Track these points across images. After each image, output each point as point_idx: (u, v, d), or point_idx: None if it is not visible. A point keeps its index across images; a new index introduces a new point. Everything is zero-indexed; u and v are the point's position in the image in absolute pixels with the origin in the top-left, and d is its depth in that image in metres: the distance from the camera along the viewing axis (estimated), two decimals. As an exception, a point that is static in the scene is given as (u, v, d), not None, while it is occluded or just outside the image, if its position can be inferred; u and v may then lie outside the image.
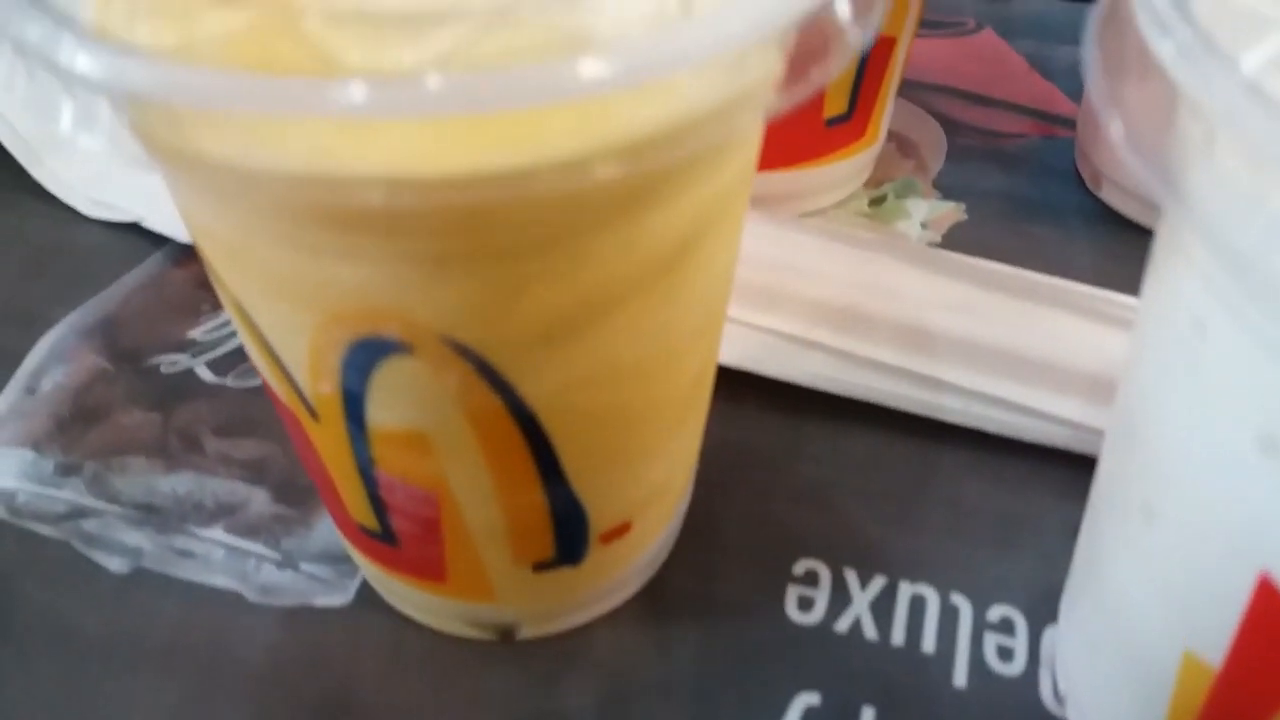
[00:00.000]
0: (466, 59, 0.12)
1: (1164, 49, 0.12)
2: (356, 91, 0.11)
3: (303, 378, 0.17)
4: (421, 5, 0.13)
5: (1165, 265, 0.15)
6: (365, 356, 0.16)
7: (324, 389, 0.17)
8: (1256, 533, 0.14)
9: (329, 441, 0.19)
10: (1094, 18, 0.14)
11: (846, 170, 0.34)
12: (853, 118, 0.32)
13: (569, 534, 0.20)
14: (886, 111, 0.33)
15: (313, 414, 0.18)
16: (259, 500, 0.26)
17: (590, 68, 0.11)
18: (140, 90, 0.11)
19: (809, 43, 0.14)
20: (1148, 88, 0.13)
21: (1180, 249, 0.14)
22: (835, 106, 0.31)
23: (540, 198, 0.13)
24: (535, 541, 0.20)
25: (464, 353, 0.16)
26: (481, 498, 0.19)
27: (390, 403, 0.17)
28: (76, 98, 0.12)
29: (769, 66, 0.14)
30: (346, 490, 0.20)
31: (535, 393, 0.17)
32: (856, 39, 0.14)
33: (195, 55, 0.12)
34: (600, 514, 0.20)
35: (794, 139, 0.32)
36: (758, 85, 0.14)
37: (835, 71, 0.14)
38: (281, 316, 0.16)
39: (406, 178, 0.12)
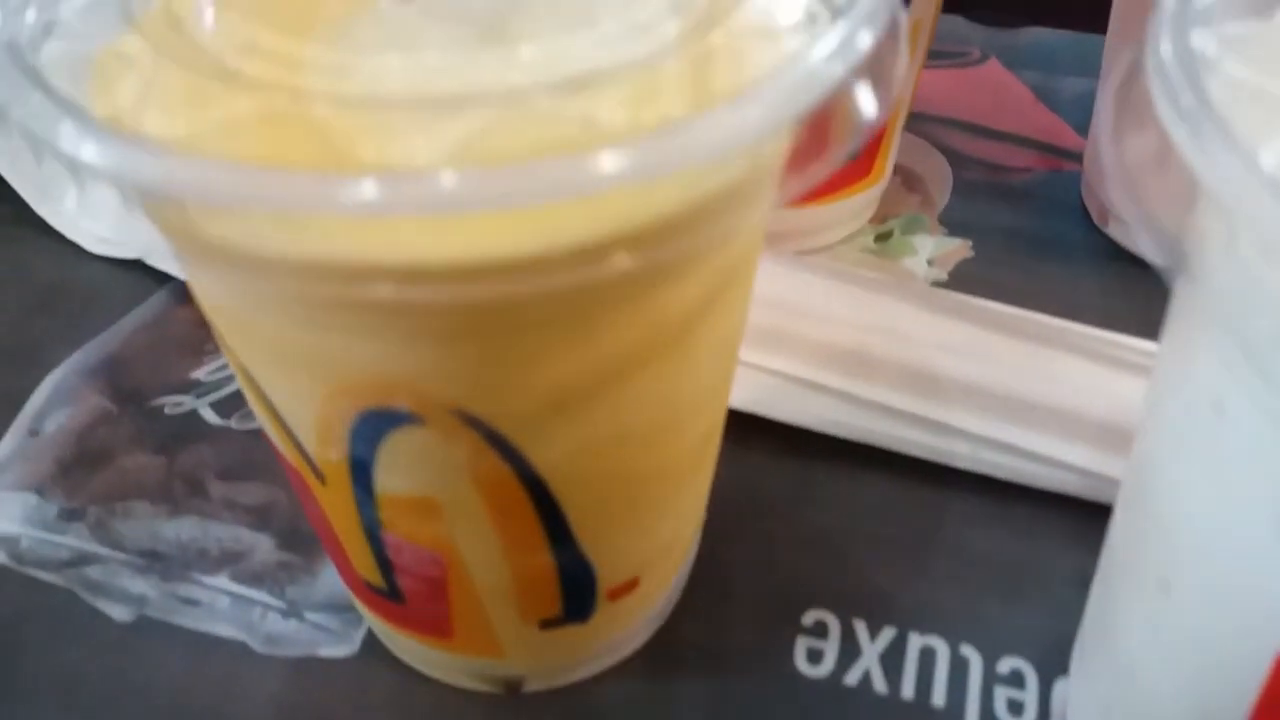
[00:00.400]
0: (480, 151, 0.12)
1: (1184, 139, 0.11)
2: (368, 189, 0.11)
3: (310, 443, 0.17)
4: (432, 89, 0.13)
5: (1181, 341, 0.15)
6: (374, 426, 0.16)
7: (331, 456, 0.17)
8: (1275, 613, 0.14)
9: (335, 503, 0.18)
10: (1110, 84, 0.14)
11: (852, 207, 0.34)
12: (859, 156, 0.32)
13: (577, 592, 0.20)
14: (893, 149, 0.33)
15: (319, 477, 0.18)
16: (264, 547, 0.26)
17: (606, 162, 0.11)
18: (148, 185, 0.11)
19: (824, 122, 0.13)
20: (1166, 168, 0.12)
21: (1197, 326, 0.14)
22: (842, 145, 0.31)
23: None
24: (542, 600, 0.20)
25: (474, 423, 0.16)
26: (489, 559, 0.19)
27: (399, 470, 0.17)
28: (82, 182, 0.12)
29: (784, 146, 0.14)
30: (352, 548, 0.20)
31: (545, 459, 0.17)
32: (871, 115, 0.14)
33: (204, 145, 0.12)
34: (609, 572, 0.20)
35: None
36: (774, 167, 0.14)
37: (852, 150, 0.14)
38: (289, 385, 0.16)
39: (418, 268, 0.12)
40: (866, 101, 0.14)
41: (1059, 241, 0.34)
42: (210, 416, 0.29)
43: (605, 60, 0.13)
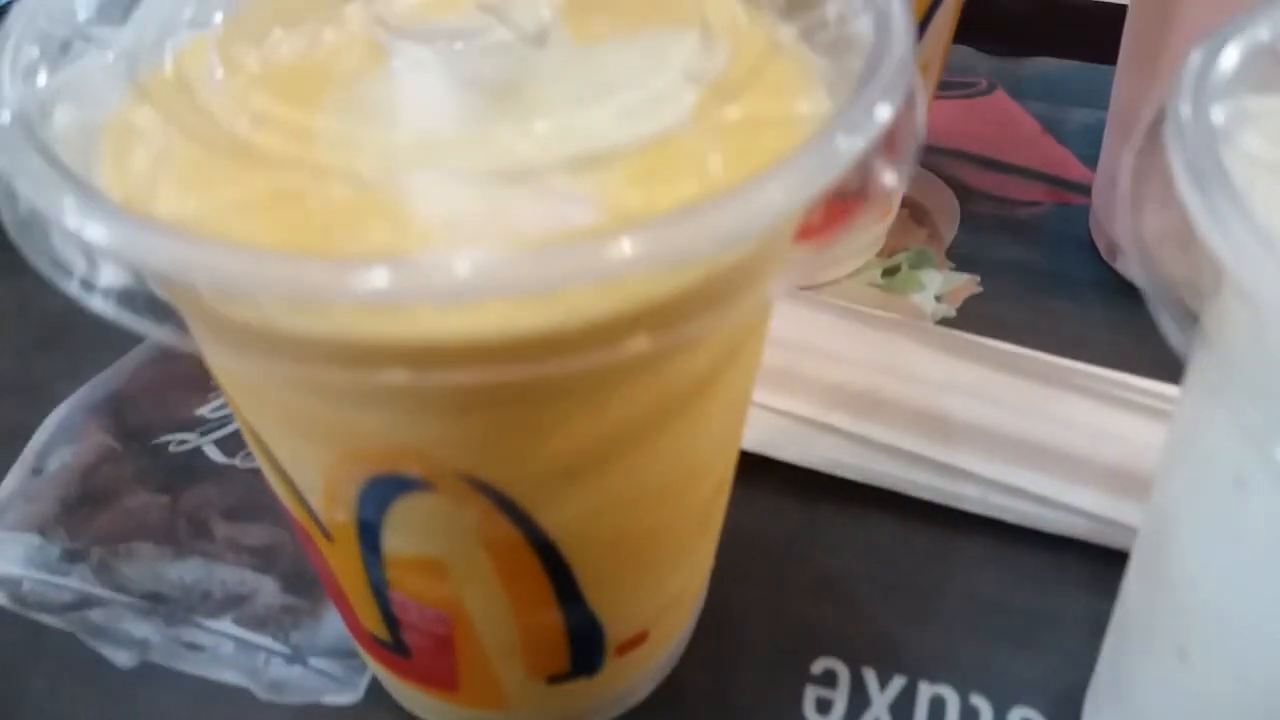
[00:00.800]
0: (494, 233, 0.12)
1: (1212, 234, 0.11)
2: (380, 277, 0.11)
3: (317, 504, 0.17)
4: (445, 166, 0.13)
5: (1200, 411, 0.15)
6: (383, 491, 0.16)
7: (339, 517, 0.17)
8: (1296, 691, 0.14)
9: (341, 561, 0.18)
10: (1128, 150, 0.14)
11: (859, 242, 0.33)
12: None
13: (585, 648, 0.20)
14: (901, 184, 0.33)
15: (326, 535, 0.18)
16: (268, 590, 0.26)
17: (624, 248, 0.11)
18: (159, 270, 0.11)
19: (843, 195, 0.13)
20: (1190, 251, 0.12)
21: (1217, 400, 0.14)
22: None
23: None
24: (550, 656, 0.20)
25: (484, 489, 0.16)
26: (497, 617, 0.18)
27: (407, 533, 0.17)
28: (94, 259, 0.12)
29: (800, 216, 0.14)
30: (358, 603, 0.20)
31: (555, 522, 0.17)
32: (891, 185, 0.14)
33: (218, 225, 0.12)
34: (617, 628, 0.20)
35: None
36: (789, 234, 0.14)
37: (873, 220, 0.14)
38: (297, 448, 0.16)
39: (431, 347, 0.12)
40: (887, 174, 0.13)
41: (1067, 277, 0.34)
42: (214, 454, 0.29)
43: (621, 135, 0.13)
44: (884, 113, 0.13)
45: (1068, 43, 0.44)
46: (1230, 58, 0.14)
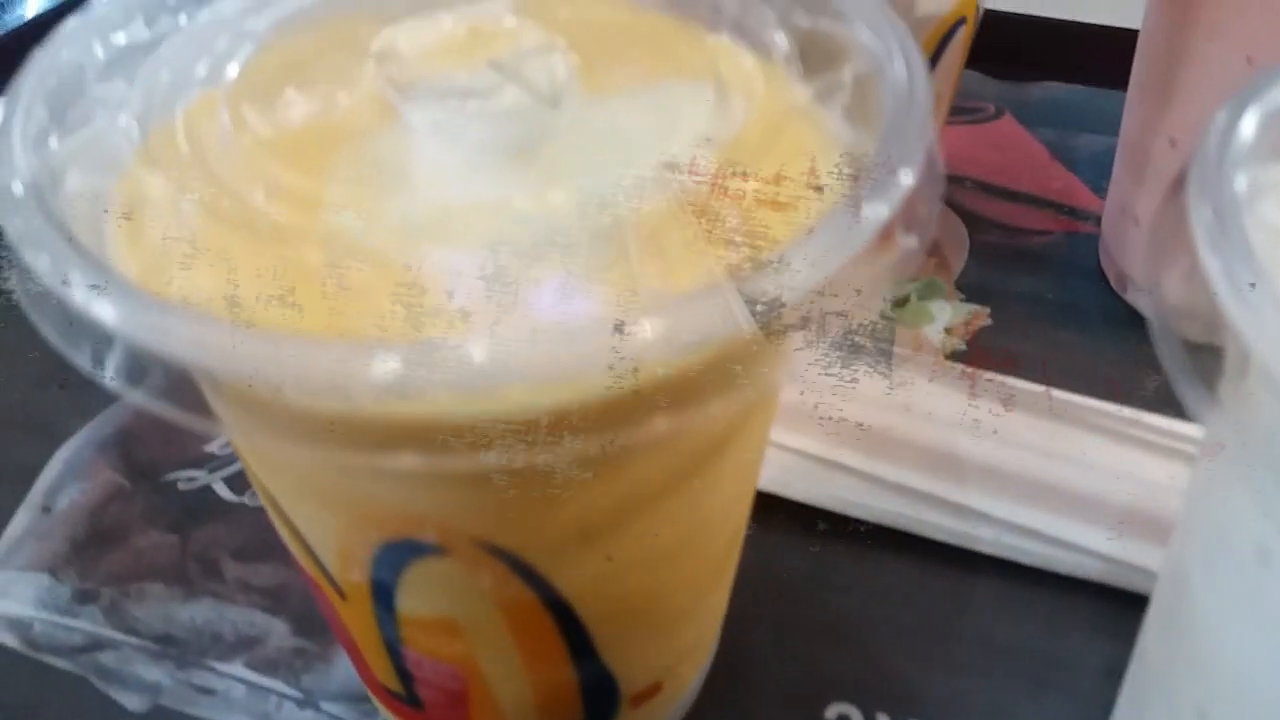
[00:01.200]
0: (510, 314, 0.12)
1: (1231, 305, 0.11)
2: (394, 364, 0.10)
3: (332, 564, 0.17)
4: (461, 240, 0.13)
5: (1220, 479, 0.15)
6: (398, 555, 0.16)
7: (353, 577, 0.17)
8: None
9: (355, 617, 0.18)
10: (1148, 203, 0.14)
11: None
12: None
13: (599, 702, 0.20)
14: (911, 216, 0.33)
15: (340, 594, 0.18)
16: (279, 632, 0.26)
17: (644, 331, 0.11)
18: (168, 354, 0.11)
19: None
20: (1217, 332, 0.12)
21: (1239, 473, 0.14)
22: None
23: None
24: (564, 710, 0.19)
25: (499, 554, 0.15)
26: (510, 674, 0.18)
27: (421, 594, 0.17)
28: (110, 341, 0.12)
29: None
30: (371, 657, 0.19)
31: (570, 584, 0.16)
32: (912, 250, 0.14)
33: (231, 303, 0.12)
34: (631, 681, 0.20)
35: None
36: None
37: (898, 286, 0.13)
38: (312, 513, 0.16)
39: (444, 429, 0.12)
40: (908, 238, 0.13)
41: (1078, 308, 0.34)
42: (224, 492, 0.29)
43: (638, 203, 0.13)
44: (906, 179, 0.13)
45: (1076, 67, 0.43)
46: (1250, 123, 0.14)
